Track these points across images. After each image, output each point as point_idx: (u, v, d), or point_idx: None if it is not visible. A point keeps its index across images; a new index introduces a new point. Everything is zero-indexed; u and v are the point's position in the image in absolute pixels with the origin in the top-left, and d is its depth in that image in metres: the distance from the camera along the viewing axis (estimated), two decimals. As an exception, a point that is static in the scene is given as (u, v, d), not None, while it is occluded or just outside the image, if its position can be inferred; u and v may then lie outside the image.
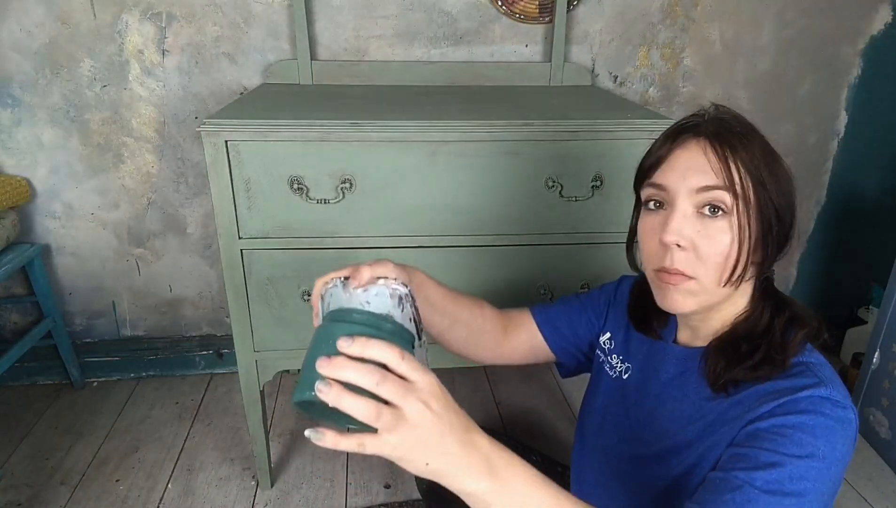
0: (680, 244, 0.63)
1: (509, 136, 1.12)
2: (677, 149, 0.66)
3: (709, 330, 0.71)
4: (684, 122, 0.68)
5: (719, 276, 0.64)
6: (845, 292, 2.04)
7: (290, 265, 1.18)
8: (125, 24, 1.50)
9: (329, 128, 1.08)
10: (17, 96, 1.53)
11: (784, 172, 0.65)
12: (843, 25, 1.72)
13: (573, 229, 1.21)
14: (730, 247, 0.63)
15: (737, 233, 0.62)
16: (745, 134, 0.64)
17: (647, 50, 1.67)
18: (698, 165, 0.63)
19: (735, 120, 0.66)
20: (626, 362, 0.81)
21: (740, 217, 0.62)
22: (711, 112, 0.67)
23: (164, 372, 1.86)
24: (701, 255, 0.63)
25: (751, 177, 0.62)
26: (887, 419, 1.56)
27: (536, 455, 1.10)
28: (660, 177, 0.66)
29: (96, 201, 1.66)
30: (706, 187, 0.62)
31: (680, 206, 0.64)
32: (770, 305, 0.68)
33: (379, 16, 1.56)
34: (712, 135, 0.64)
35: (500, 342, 0.91)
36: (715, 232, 0.63)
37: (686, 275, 0.64)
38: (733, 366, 0.65)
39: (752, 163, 0.62)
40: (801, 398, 0.59)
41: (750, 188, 0.62)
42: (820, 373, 0.62)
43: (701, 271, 0.64)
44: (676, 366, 0.73)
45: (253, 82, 1.58)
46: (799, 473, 0.55)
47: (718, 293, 0.65)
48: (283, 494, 1.44)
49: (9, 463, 1.50)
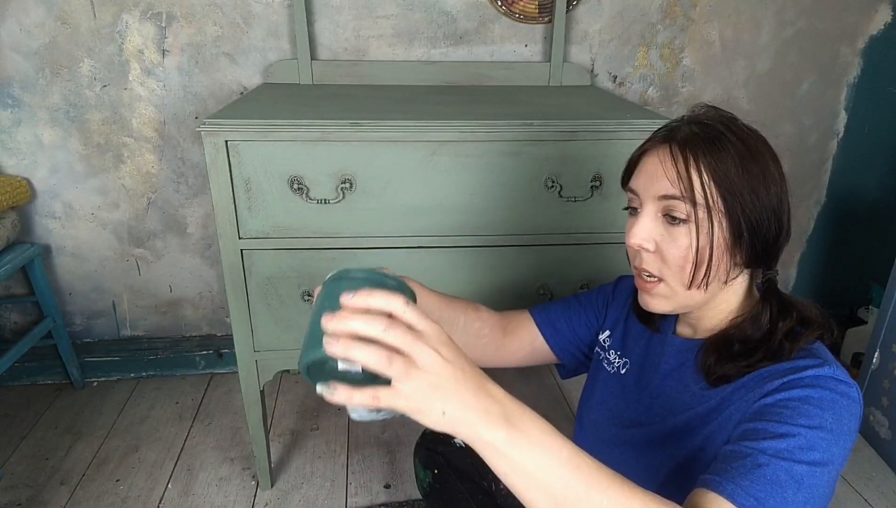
0: (644, 247, 0.66)
1: (509, 136, 1.12)
2: (645, 155, 0.68)
3: (706, 327, 0.72)
4: (666, 124, 0.69)
5: (683, 279, 0.66)
6: (845, 292, 2.04)
7: (290, 265, 1.18)
8: (125, 24, 1.50)
9: (329, 128, 1.08)
10: (17, 96, 1.53)
11: (767, 176, 0.64)
12: (842, 25, 1.72)
13: (572, 229, 1.21)
14: (688, 252, 0.64)
15: (695, 240, 0.63)
16: (717, 138, 0.64)
17: (646, 50, 1.68)
18: (659, 172, 0.65)
19: (716, 122, 0.65)
20: (623, 357, 0.82)
21: (699, 224, 0.63)
22: (696, 114, 0.68)
23: (164, 372, 1.86)
24: (664, 258, 0.66)
25: (716, 184, 0.62)
26: (887, 419, 1.56)
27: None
28: (633, 182, 0.69)
29: (96, 201, 1.66)
30: (665, 196, 0.64)
31: (646, 211, 0.67)
32: (771, 307, 0.68)
33: (379, 16, 1.56)
34: (680, 141, 0.64)
35: (500, 344, 0.91)
36: (677, 236, 0.65)
37: (654, 276, 0.67)
38: (724, 363, 0.66)
39: (719, 170, 0.62)
40: (806, 376, 0.60)
41: (715, 195, 0.62)
42: (822, 355, 0.63)
43: (666, 272, 0.66)
44: (676, 357, 0.74)
45: (253, 82, 1.58)
46: (809, 443, 0.56)
47: (691, 296, 0.67)
48: (283, 494, 1.44)
49: (9, 463, 1.50)
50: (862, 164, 1.89)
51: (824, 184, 1.91)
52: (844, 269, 2.03)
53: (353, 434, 1.63)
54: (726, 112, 0.68)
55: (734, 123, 0.66)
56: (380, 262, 1.19)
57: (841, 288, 2.05)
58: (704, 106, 0.69)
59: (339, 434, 1.63)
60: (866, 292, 1.91)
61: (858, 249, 2.00)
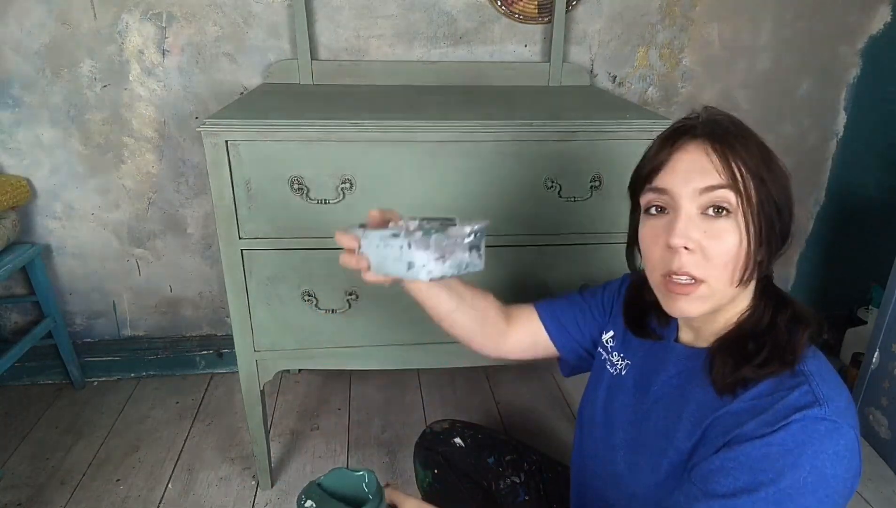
0: (688, 247, 0.63)
1: (509, 136, 1.12)
2: (677, 152, 0.66)
3: (712, 331, 0.70)
4: (678, 125, 0.68)
5: (729, 276, 0.64)
6: (845, 292, 2.04)
7: (290, 265, 1.18)
8: (125, 24, 1.50)
9: (329, 128, 1.08)
10: (17, 97, 1.53)
11: (781, 170, 0.66)
12: (842, 25, 1.72)
13: (572, 229, 1.21)
14: (738, 247, 0.63)
15: (743, 231, 0.63)
16: (739, 134, 0.65)
17: (645, 50, 1.68)
18: (701, 166, 0.63)
19: (728, 120, 0.67)
20: (626, 359, 0.82)
21: (745, 215, 0.63)
22: (704, 114, 0.68)
23: (165, 372, 1.86)
24: (709, 256, 0.63)
25: (751, 175, 0.63)
26: (887, 418, 1.56)
27: (535, 455, 1.10)
28: (661, 181, 0.66)
29: (97, 201, 1.66)
30: (710, 187, 0.63)
31: (685, 208, 0.64)
32: (771, 302, 0.68)
33: (379, 16, 1.56)
34: (709, 136, 0.64)
35: (504, 333, 0.92)
36: (721, 232, 0.63)
37: (696, 278, 0.64)
38: (741, 365, 0.64)
39: (751, 161, 0.63)
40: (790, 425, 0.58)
41: (751, 187, 0.63)
42: (818, 388, 0.61)
43: (711, 272, 0.64)
44: (677, 365, 0.73)
45: (253, 82, 1.58)
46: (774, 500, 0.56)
47: (728, 294, 0.66)
48: (283, 494, 1.44)
49: (9, 463, 1.50)
50: (862, 164, 1.89)
51: (824, 184, 1.91)
52: (844, 269, 2.03)
53: (353, 434, 1.63)
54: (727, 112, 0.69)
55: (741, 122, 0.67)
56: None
57: (841, 288, 2.05)
58: (705, 107, 0.69)
59: (339, 434, 1.63)
60: (866, 292, 1.91)
61: (858, 249, 2.00)
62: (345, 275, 1.21)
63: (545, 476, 1.07)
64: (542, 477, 1.07)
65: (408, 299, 1.26)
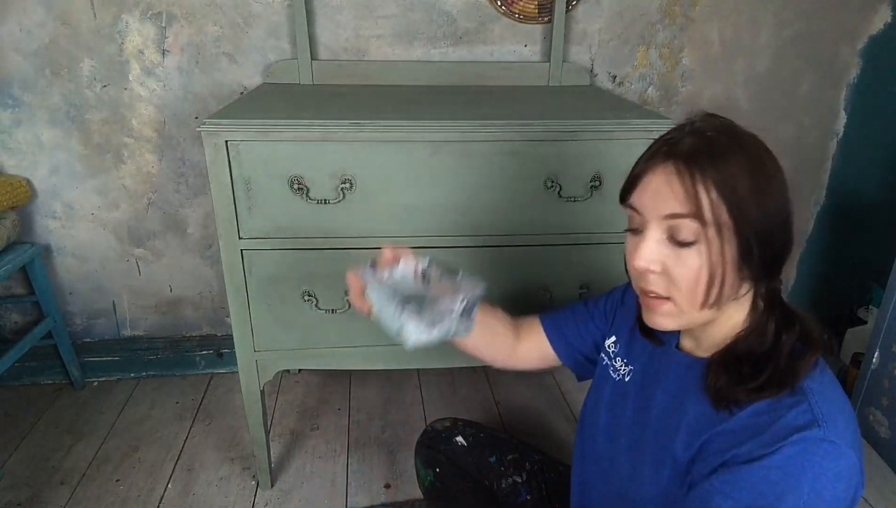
0: (651, 270, 0.63)
1: (509, 136, 1.12)
2: (648, 172, 0.64)
3: (711, 341, 0.69)
4: (664, 137, 0.66)
5: (694, 299, 0.63)
6: (845, 292, 2.04)
7: (290, 265, 1.18)
8: (125, 24, 1.50)
9: (329, 128, 1.08)
10: (17, 96, 1.53)
11: (773, 186, 0.61)
12: (842, 25, 1.72)
13: (572, 229, 1.21)
14: (700, 272, 0.61)
15: (706, 259, 0.61)
16: (722, 152, 0.60)
17: (645, 50, 1.68)
18: (667, 190, 0.62)
19: (718, 133, 0.62)
20: (629, 364, 0.81)
21: (710, 244, 0.60)
22: (695, 125, 0.64)
23: (165, 372, 1.86)
24: (673, 279, 0.63)
25: (724, 200, 0.59)
26: (887, 418, 1.56)
27: (537, 455, 1.10)
28: (634, 200, 0.66)
29: (96, 201, 1.66)
30: (674, 215, 0.61)
31: (651, 232, 0.63)
32: (776, 318, 0.65)
33: (379, 16, 1.56)
34: (684, 156, 0.61)
35: (514, 345, 0.94)
36: (685, 258, 0.62)
37: (662, 296, 0.64)
38: (734, 385, 0.63)
39: (726, 185, 0.59)
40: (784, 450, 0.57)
41: (724, 212, 0.59)
42: (817, 407, 0.59)
43: (675, 293, 0.63)
44: (677, 373, 0.72)
45: (253, 82, 1.58)
46: None
47: (701, 315, 0.64)
48: (283, 494, 1.44)
49: (9, 463, 1.50)
50: (862, 164, 1.89)
51: (824, 184, 1.91)
52: (844, 269, 2.03)
53: (353, 434, 1.63)
54: (725, 119, 0.65)
55: (735, 132, 0.63)
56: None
57: (841, 288, 2.05)
58: (702, 113, 0.67)
59: (339, 434, 1.63)
60: (866, 292, 1.91)
61: (858, 249, 2.00)
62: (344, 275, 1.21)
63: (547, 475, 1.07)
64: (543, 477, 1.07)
65: (408, 299, 1.26)
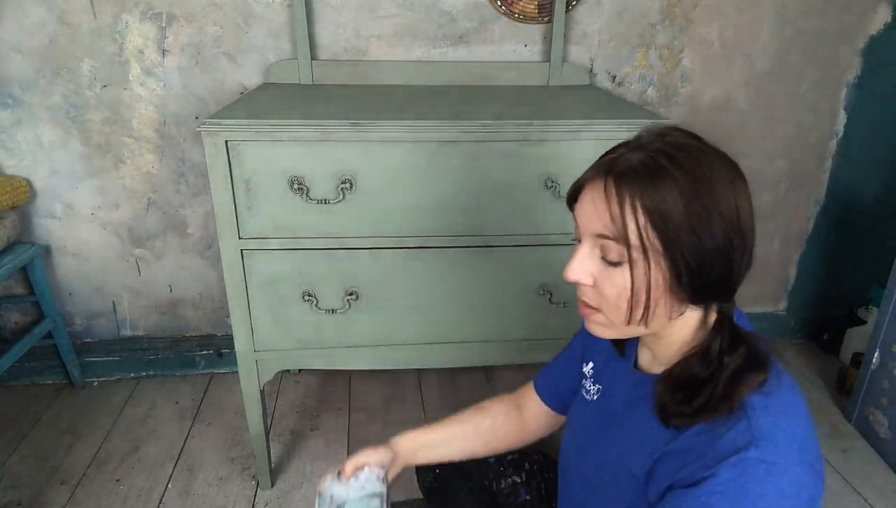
0: (582, 282, 0.64)
1: (508, 136, 1.12)
2: (586, 186, 0.63)
3: (664, 358, 0.68)
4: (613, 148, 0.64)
5: (621, 316, 0.63)
6: (845, 292, 2.04)
7: (290, 265, 1.18)
8: (125, 24, 1.50)
9: (329, 128, 1.08)
10: (17, 96, 1.53)
11: (713, 214, 0.58)
12: (842, 25, 1.72)
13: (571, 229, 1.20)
14: (624, 291, 0.61)
15: (629, 281, 0.60)
16: (658, 174, 0.58)
17: (645, 50, 1.68)
18: (595, 210, 0.61)
19: (659, 153, 0.59)
20: (597, 383, 0.81)
21: (636, 267, 0.59)
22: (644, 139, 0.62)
23: (165, 372, 1.86)
24: (601, 292, 0.63)
25: (653, 225, 0.57)
26: (887, 418, 1.56)
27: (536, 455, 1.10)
28: (576, 210, 0.66)
29: (96, 201, 1.66)
30: (601, 235, 0.61)
31: (583, 247, 0.64)
32: (721, 340, 0.63)
33: (379, 16, 1.56)
34: (618, 175, 0.59)
35: (521, 425, 0.95)
36: (613, 275, 0.61)
37: (593, 307, 0.65)
38: (676, 405, 0.62)
39: (656, 209, 0.57)
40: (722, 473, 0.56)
41: (652, 237, 0.58)
42: (756, 425, 0.57)
43: (604, 306, 0.64)
44: (631, 391, 0.72)
45: (253, 82, 1.58)
46: None
47: (631, 329, 0.64)
48: (283, 494, 1.44)
49: (9, 463, 1.50)
50: (862, 164, 1.89)
51: (824, 184, 1.91)
52: (844, 269, 2.03)
53: (353, 434, 1.63)
54: (685, 135, 0.62)
55: (683, 152, 0.59)
56: (380, 262, 1.20)
57: (841, 288, 2.05)
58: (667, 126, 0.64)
59: (339, 434, 1.63)
60: (866, 292, 1.91)
61: (858, 249, 2.00)
62: (345, 275, 1.21)
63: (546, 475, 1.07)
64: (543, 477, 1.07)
65: (408, 300, 1.26)
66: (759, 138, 1.81)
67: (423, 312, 1.25)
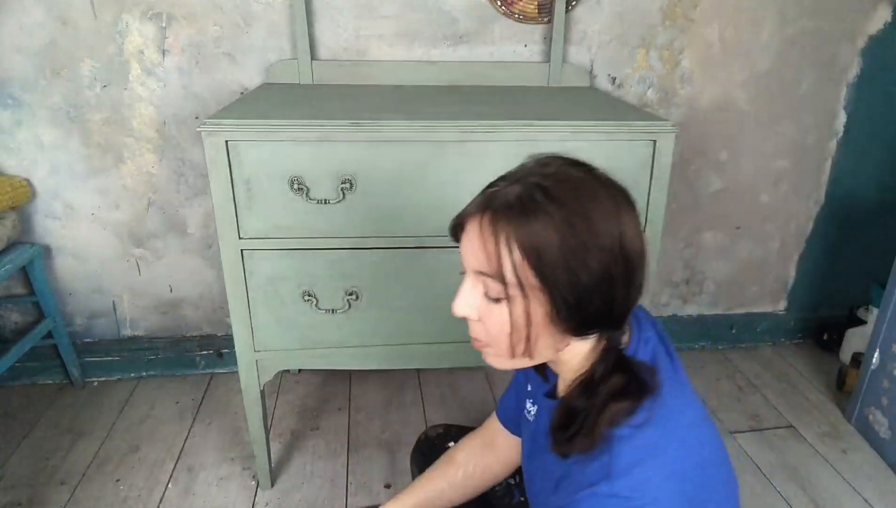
0: (469, 317, 0.64)
1: (509, 136, 1.12)
2: (467, 220, 0.63)
3: (564, 383, 0.68)
4: (495, 181, 0.64)
5: (507, 348, 0.62)
6: (845, 292, 2.04)
7: (290, 265, 1.18)
8: (125, 24, 1.50)
9: (329, 128, 1.08)
10: (17, 97, 1.53)
11: (590, 248, 0.57)
12: (842, 25, 1.72)
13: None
14: (505, 327, 0.61)
15: (507, 317, 0.60)
16: (533, 209, 0.57)
17: (645, 51, 1.68)
18: (472, 247, 0.61)
19: (533, 187, 0.58)
20: (535, 404, 0.81)
21: (514, 303, 0.59)
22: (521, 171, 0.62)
23: (165, 372, 1.86)
24: (486, 327, 0.63)
25: (529, 263, 0.57)
26: (887, 418, 1.56)
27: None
28: (460, 245, 0.65)
29: (97, 201, 1.66)
30: (480, 272, 0.61)
31: (466, 282, 0.63)
32: (605, 369, 0.63)
33: (379, 16, 1.56)
34: (494, 210, 0.59)
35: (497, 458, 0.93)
36: (494, 311, 0.61)
37: (481, 341, 0.65)
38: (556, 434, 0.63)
39: (531, 247, 0.56)
40: (579, 503, 0.56)
41: (528, 274, 0.57)
42: (617, 459, 0.57)
43: (490, 341, 0.64)
44: (544, 416, 0.73)
45: (253, 82, 1.59)
46: None
47: (518, 361, 0.64)
48: (283, 494, 1.44)
49: (9, 463, 1.50)
50: (862, 164, 1.89)
51: (824, 184, 1.91)
52: (844, 269, 2.03)
53: (353, 434, 1.63)
54: (567, 164, 0.61)
55: (561, 184, 0.58)
56: (380, 262, 1.20)
57: (841, 288, 2.05)
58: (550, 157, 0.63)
59: (339, 434, 1.63)
60: (866, 292, 1.91)
61: (858, 249, 2.00)
62: (345, 275, 1.21)
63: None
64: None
65: (408, 300, 1.26)
66: (759, 138, 1.81)
67: (423, 312, 1.25)
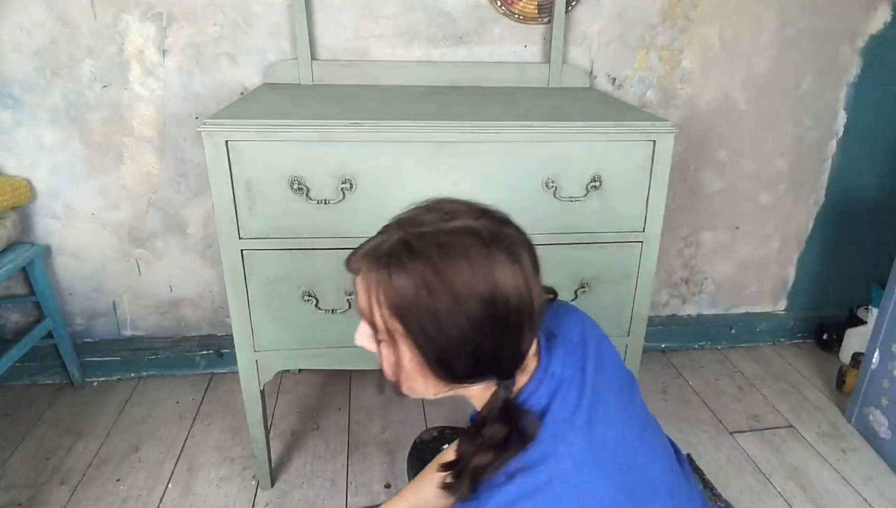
0: (365, 347, 0.66)
1: (508, 137, 1.12)
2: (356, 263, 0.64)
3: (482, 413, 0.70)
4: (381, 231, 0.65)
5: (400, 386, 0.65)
6: (845, 292, 2.04)
7: (290, 265, 1.18)
8: (125, 24, 1.50)
9: (329, 128, 1.08)
10: (17, 97, 1.53)
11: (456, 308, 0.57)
12: (842, 25, 1.72)
13: (571, 229, 1.21)
14: (388, 363, 0.63)
15: (384, 359, 0.63)
16: (402, 263, 0.58)
17: (645, 52, 1.68)
18: (357, 290, 0.63)
19: (406, 242, 0.59)
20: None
21: (385, 347, 0.62)
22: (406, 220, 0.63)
23: (165, 372, 1.86)
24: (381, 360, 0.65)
25: (397, 317, 0.58)
26: (887, 418, 1.56)
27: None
28: None
29: (97, 201, 1.66)
30: (362, 313, 0.63)
31: (363, 320, 0.65)
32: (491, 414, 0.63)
33: (379, 16, 1.56)
34: (373, 259, 0.61)
35: None
36: (381, 347, 0.64)
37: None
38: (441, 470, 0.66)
39: (394, 301, 0.58)
40: None
41: (398, 327, 0.59)
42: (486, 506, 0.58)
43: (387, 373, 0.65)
44: None
45: (253, 82, 1.59)
46: None
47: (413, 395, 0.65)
48: (283, 494, 1.44)
49: (9, 463, 1.50)
50: (862, 164, 1.89)
51: (824, 184, 1.91)
52: (844, 269, 2.03)
53: (353, 434, 1.63)
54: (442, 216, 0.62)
55: (427, 243, 0.58)
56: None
57: (841, 288, 2.05)
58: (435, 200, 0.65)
59: (339, 434, 1.63)
60: (866, 292, 1.91)
61: (858, 249, 2.00)
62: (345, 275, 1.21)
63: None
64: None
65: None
66: (758, 138, 1.81)
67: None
